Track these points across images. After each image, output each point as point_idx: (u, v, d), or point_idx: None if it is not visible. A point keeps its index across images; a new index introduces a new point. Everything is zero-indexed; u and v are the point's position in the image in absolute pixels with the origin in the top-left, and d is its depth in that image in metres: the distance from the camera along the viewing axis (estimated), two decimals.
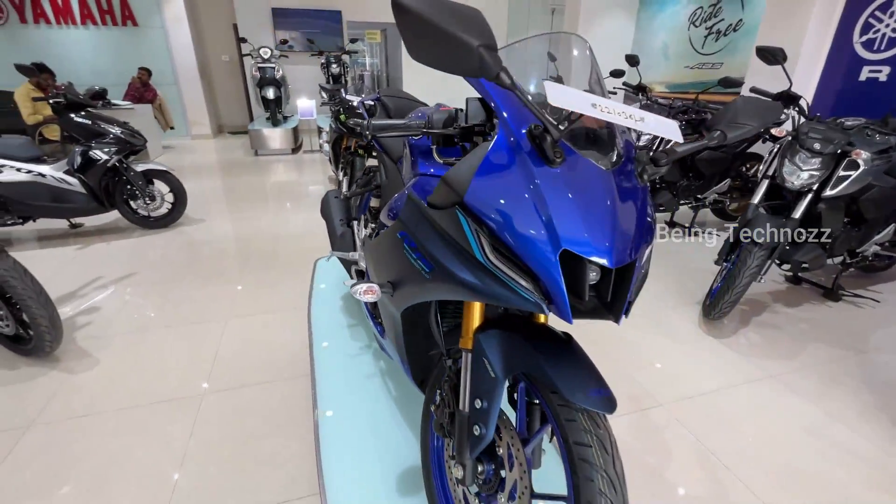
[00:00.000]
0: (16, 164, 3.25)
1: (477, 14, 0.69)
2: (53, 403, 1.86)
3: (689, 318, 2.55)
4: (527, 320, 0.95)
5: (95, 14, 7.27)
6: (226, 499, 1.45)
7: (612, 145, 0.86)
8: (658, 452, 1.66)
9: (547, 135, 0.75)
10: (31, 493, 1.47)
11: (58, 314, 2.04)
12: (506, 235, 0.73)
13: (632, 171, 0.83)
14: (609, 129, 0.87)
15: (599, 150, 0.85)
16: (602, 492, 0.75)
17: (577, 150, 0.78)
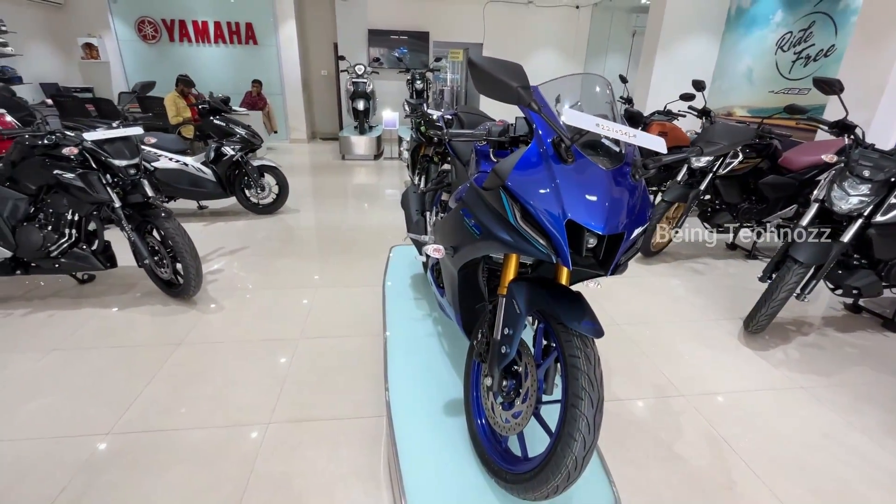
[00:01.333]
0: (168, 154, 4.12)
1: (518, 67, 1.07)
2: (193, 332, 2.47)
3: (729, 330, 2.67)
4: (547, 279, 1.29)
5: (226, 35, 8.62)
6: (314, 408, 1.92)
7: (616, 153, 1.19)
8: (670, 430, 1.88)
9: (562, 143, 1.11)
10: (181, 385, 2.04)
11: (202, 268, 2.69)
12: (532, 208, 1.09)
13: (628, 171, 1.16)
14: (616, 142, 1.20)
15: (607, 155, 1.18)
16: (584, 388, 1.07)
17: (586, 155, 1.13)
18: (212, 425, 1.82)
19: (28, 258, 2.58)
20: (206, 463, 1.64)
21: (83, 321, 2.55)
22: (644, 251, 3.62)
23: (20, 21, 7.15)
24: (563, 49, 9.83)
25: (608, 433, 1.83)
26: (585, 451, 1.06)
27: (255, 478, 1.59)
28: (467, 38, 9.57)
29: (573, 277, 1.41)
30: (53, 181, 2.45)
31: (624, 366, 2.29)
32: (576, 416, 1.06)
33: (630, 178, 1.15)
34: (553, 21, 9.48)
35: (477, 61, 1.03)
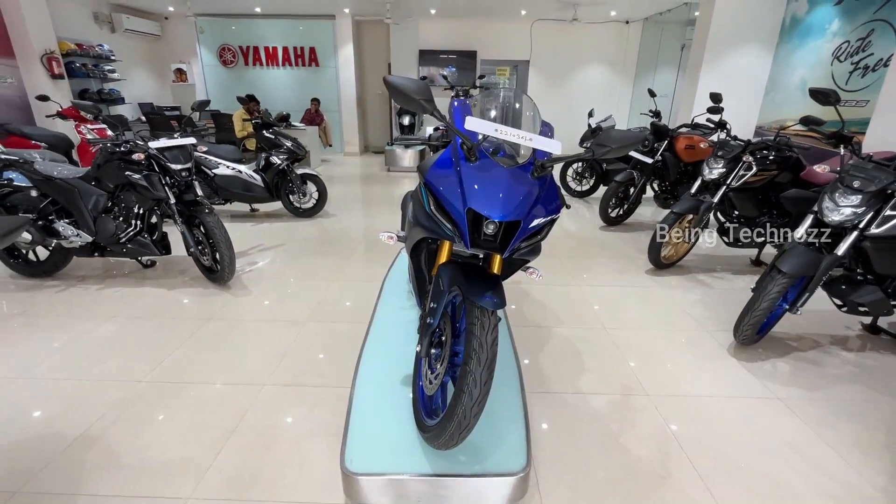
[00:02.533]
0: (226, 163, 4.74)
1: (423, 84, 1.30)
2: (223, 310, 2.90)
3: (721, 342, 2.65)
4: (474, 264, 1.49)
5: (292, 58, 9.56)
6: (304, 376, 2.22)
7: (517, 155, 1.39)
8: (623, 424, 1.96)
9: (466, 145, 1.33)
10: (204, 350, 2.44)
11: (234, 257, 3.14)
12: (442, 198, 1.31)
13: (528, 170, 1.35)
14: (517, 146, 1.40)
15: (511, 157, 1.38)
16: (475, 349, 1.25)
17: (489, 156, 1.34)
18: (219, 382, 2.18)
19: (104, 243, 3.16)
20: (208, 410, 1.99)
21: (141, 297, 3.08)
22: (654, 263, 3.62)
23: (126, 51, 8.46)
24: (612, 64, 9.79)
25: (559, 420, 1.96)
26: (473, 403, 1.25)
27: (244, 425, 1.91)
28: (514, 56, 9.83)
29: (509, 268, 1.61)
30: (125, 181, 3.01)
31: (596, 365, 2.38)
32: (466, 373, 1.25)
33: (529, 175, 1.34)
34: (601, 37, 9.50)
35: (391, 81, 1.28)
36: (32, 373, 2.24)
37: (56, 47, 6.86)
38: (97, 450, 1.77)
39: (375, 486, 1.43)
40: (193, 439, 1.83)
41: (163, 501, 1.55)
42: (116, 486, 1.61)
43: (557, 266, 3.75)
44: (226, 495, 1.57)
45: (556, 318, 2.87)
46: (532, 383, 2.20)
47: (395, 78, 1.26)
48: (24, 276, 3.34)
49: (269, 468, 1.69)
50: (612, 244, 4.37)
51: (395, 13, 8.75)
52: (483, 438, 1.56)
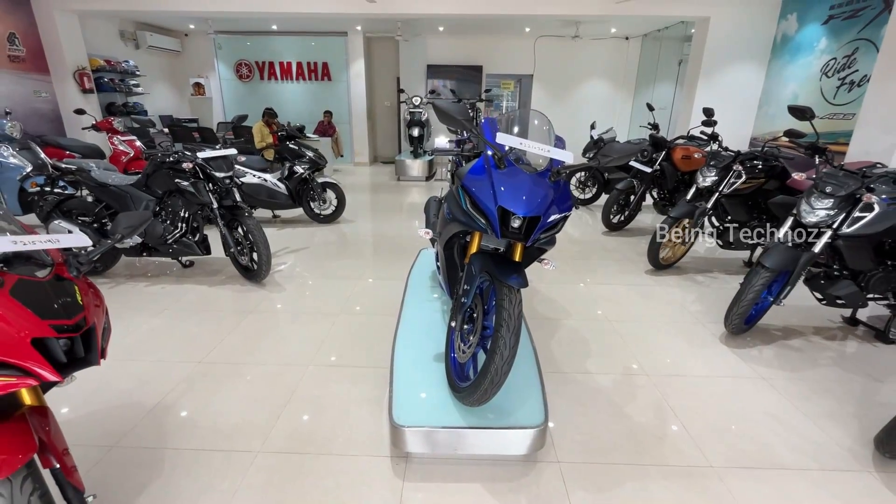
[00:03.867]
0: (253, 172, 5.08)
1: (463, 106, 1.63)
2: (262, 304, 3.20)
3: (714, 332, 2.93)
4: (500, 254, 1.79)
5: (306, 73, 9.99)
6: (342, 358, 2.52)
7: (541, 163, 1.70)
8: (625, 397, 2.25)
9: (496, 155, 1.64)
10: (250, 338, 2.74)
11: (271, 257, 3.45)
12: (476, 198, 1.62)
13: (546, 175, 1.66)
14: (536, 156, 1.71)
15: (533, 164, 1.70)
16: (504, 320, 1.55)
17: (514, 164, 1.65)
18: (268, 363, 2.48)
19: (152, 244, 3.47)
20: (263, 385, 2.29)
21: (185, 293, 3.39)
22: (653, 264, 3.92)
23: (148, 66, 8.89)
24: (613, 79, 10.18)
25: (570, 394, 2.25)
26: (504, 362, 1.55)
27: (295, 397, 2.20)
28: (518, 70, 10.24)
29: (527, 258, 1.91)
30: (174, 187, 3.34)
31: (602, 351, 2.67)
32: (497, 338, 1.55)
33: (548, 180, 1.66)
34: (602, 53, 9.90)
35: (437, 105, 1.60)
36: None
37: (87, 63, 7.28)
38: (174, 415, 2.07)
39: (419, 436, 1.72)
40: (255, 408, 2.12)
41: (238, 454, 1.84)
42: (196, 441, 1.90)
43: (564, 267, 4.05)
44: (290, 448, 1.86)
45: (565, 312, 3.16)
46: (545, 365, 2.48)
47: (441, 102, 1.58)
48: None
49: (323, 429, 1.98)
50: (615, 248, 4.67)
51: (405, 31, 9.18)
52: (506, 399, 1.85)
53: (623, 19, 8.35)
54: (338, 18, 8.59)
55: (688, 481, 1.75)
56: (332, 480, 1.72)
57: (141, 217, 1.42)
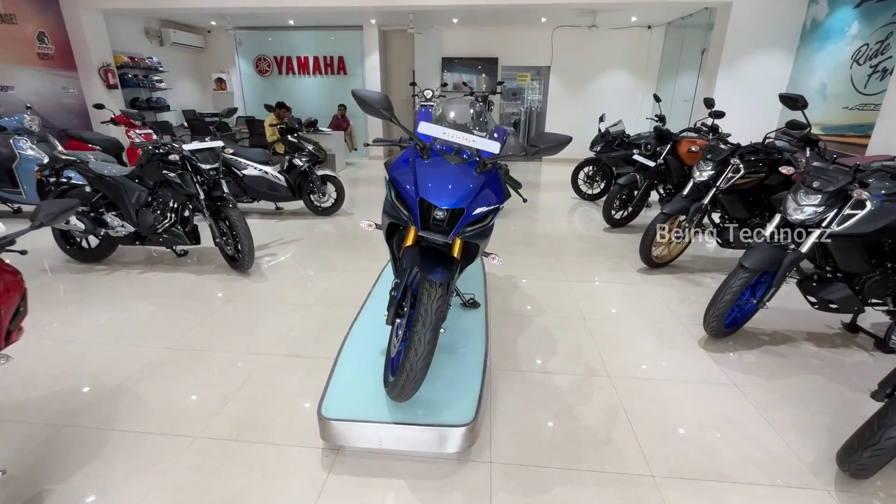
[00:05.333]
0: (255, 164, 5.19)
1: (384, 95, 1.58)
2: (241, 293, 3.28)
3: (694, 334, 2.79)
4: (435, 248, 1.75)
5: (322, 67, 10.11)
6: (305, 349, 2.54)
7: (466, 154, 1.65)
8: (579, 397, 2.17)
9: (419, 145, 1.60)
10: (221, 325, 2.81)
11: (254, 248, 3.52)
12: (400, 189, 1.59)
13: (472, 167, 1.61)
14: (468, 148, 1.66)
15: (459, 156, 1.64)
16: (421, 315, 1.51)
17: (440, 154, 1.60)
18: (232, 351, 2.54)
19: (144, 233, 3.61)
20: (222, 372, 2.34)
21: (174, 281, 3.51)
22: (646, 261, 3.76)
23: (172, 62, 9.22)
24: (634, 69, 9.81)
25: (521, 393, 2.19)
26: (418, 358, 1.51)
27: (249, 384, 2.24)
28: (535, 62, 10.02)
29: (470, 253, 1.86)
30: (163, 178, 3.45)
31: (567, 350, 2.59)
32: (413, 334, 1.52)
33: (474, 172, 1.60)
34: (623, 42, 9.55)
35: (357, 93, 1.57)
36: (83, 338, 2.67)
37: (112, 60, 7.61)
38: (130, 397, 2.15)
39: (343, 428, 1.71)
40: (208, 392, 2.17)
41: (178, 438, 1.89)
42: (144, 424, 1.97)
43: (553, 263, 3.95)
44: (228, 435, 1.90)
45: (539, 309, 3.08)
46: (504, 362, 2.44)
47: (361, 91, 1.55)
48: (78, 260, 3.84)
49: (265, 418, 2.01)
50: (612, 245, 4.51)
51: (419, 23, 9.13)
52: (439, 395, 1.82)
53: (644, 7, 8.02)
54: (352, 12, 8.63)
55: (622, 490, 1.67)
56: (260, 468, 1.74)
57: (63, 205, 1.47)
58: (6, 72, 6.41)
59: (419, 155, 1.60)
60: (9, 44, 6.38)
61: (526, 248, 4.44)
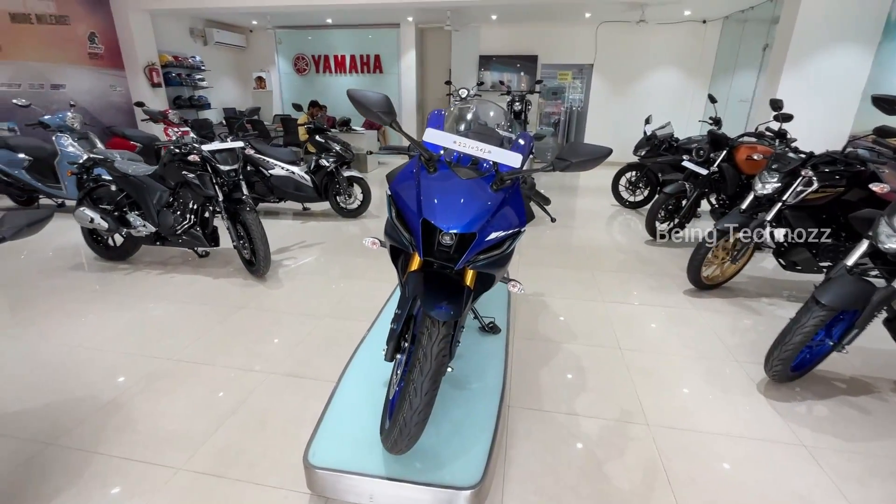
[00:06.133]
0: (282, 164, 5.11)
1: (384, 97, 1.33)
2: (254, 300, 3.15)
3: (752, 375, 2.39)
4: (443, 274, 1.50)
5: (358, 66, 10.06)
6: (307, 368, 2.35)
7: (484, 166, 1.38)
8: (611, 450, 1.85)
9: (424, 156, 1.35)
10: (229, 335, 2.67)
11: (269, 252, 3.39)
12: (402, 208, 1.34)
13: (488, 183, 1.33)
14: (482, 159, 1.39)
15: (474, 168, 1.38)
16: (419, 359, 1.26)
17: (449, 167, 1.34)
18: (232, 366, 2.38)
19: (164, 234, 3.56)
20: (219, 390, 2.19)
21: (191, 284, 3.43)
22: (694, 282, 3.35)
23: (215, 61, 9.42)
24: (685, 68, 9.15)
25: (543, 439, 1.90)
26: (413, 412, 1.27)
27: (244, 407, 2.07)
28: (577, 60, 9.55)
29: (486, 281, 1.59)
30: (183, 179, 3.38)
31: (599, 385, 2.27)
32: (409, 382, 1.27)
33: (489, 188, 1.33)
34: (673, 38, 8.92)
35: (353, 94, 1.34)
36: (90, 343, 2.61)
37: (157, 59, 7.82)
38: (121, 415, 2.02)
39: (332, 480, 1.49)
40: (199, 415, 2.02)
41: (159, 469, 1.73)
42: (127, 449, 1.83)
43: (587, 279, 3.60)
44: (210, 469, 1.72)
45: (569, 334, 2.77)
46: (524, 398, 2.15)
47: (357, 92, 1.32)
48: (104, 258, 3.86)
49: (254, 450, 1.82)
50: (654, 260, 4.10)
51: (456, 20, 8.89)
52: (444, 448, 1.56)
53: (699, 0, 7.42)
54: (389, 10, 8.47)
55: None
56: None
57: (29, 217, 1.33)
58: (59, 71, 6.68)
59: (424, 167, 1.35)
60: (62, 44, 6.64)
61: (558, 259, 4.10)
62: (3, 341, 2.62)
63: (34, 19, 6.23)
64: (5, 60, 5.99)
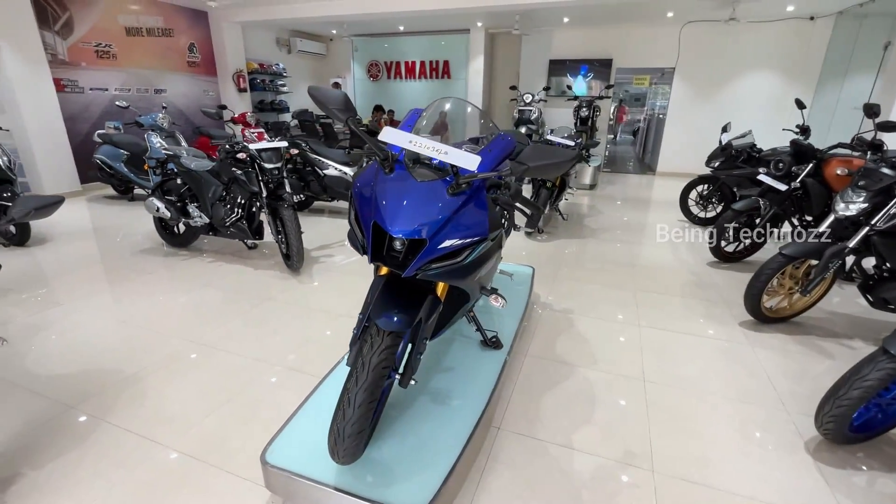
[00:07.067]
0: (335, 165, 5.33)
1: (343, 94, 1.29)
2: (283, 294, 3.28)
3: (800, 427, 2.00)
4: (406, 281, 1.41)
5: (427, 71, 10.25)
6: (311, 365, 2.39)
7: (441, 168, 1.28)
8: (601, 497, 1.63)
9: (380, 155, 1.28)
10: (252, 325, 2.80)
11: (303, 248, 3.53)
12: (358, 209, 1.29)
13: (445, 186, 1.23)
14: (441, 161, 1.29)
15: (433, 170, 1.28)
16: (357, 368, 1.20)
17: (407, 169, 1.26)
18: (245, 355, 2.49)
19: (215, 225, 3.86)
20: (223, 377, 2.29)
21: (234, 273, 3.68)
22: (753, 313, 2.91)
23: (296, 68, 10.12)
24: (785, 70, 8.11)
25: (527, 470, 1.74)
26: (346, 423, 1.20)
27: (241, 396, 2.15)
28: (656, 63, 8.89)
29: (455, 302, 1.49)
30: (233, 175, 3.63)
31: (607, 420, 2.03)
32: (344, 391, 1.21)
33: (446, 192, 1.23)
34: (772, 37, 7.96)
35: (313, 92, 1.31)
36: (133, 320, 2.88)
37: (244, 66, 8.59)
38: (136, 389, 2.19)
39: (284, 481, 1.47)
40: (199, 399, 2.12)
41: (152, 445, 1.84)
42: (130, 422, 1.97)
43: (626, 299, 3.29)
44: (194, 452, 1.80)
45: (588, 357, 2.53)
46: (518, 423, 1.99)
47: (317, 90, 1.29)
48: (169, 244, 4.27)
49: (236, 441, 1.87)
50: (713, 284, 3.64)
51: (526, 24, 8.70)
52: (401, 465, 1.48)
53: None
54: (460, 15, 8.54)
55: None
56: (204, 500, 1.59)
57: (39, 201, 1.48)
58: (162, 77, 7.58)
59: (380, 169, 1.29)
60: (166, 53, 7.54)
61: (597, 274, 3.80)
62: (73, 312, 2.99)
63: (145, 32, 7.14)
64: (119, 68, 6.92)
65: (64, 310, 3.01)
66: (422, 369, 1.99)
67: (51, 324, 2.82)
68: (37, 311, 2.97)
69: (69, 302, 3.13)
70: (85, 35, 6.45)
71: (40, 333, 2.70)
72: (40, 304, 3.10)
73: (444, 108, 1.58)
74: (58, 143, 6.16)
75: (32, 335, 2.68)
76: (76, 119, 6.49)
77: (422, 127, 1.49)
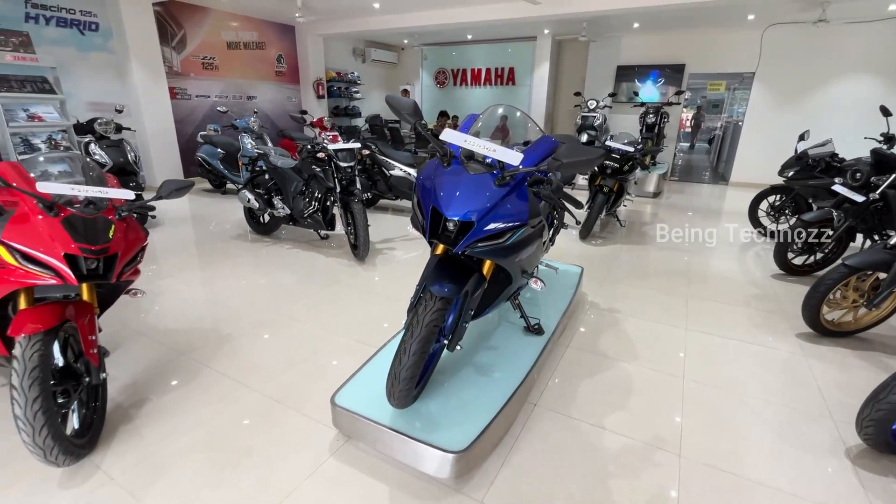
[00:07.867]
0: (401, 166, 5.73)
1: (413, 102, 1.56)
2: (349, 278, 3.68)
3: (843, 434, 1.99)
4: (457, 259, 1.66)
5: (493, 78, 10.52)
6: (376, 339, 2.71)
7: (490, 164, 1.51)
8: (625, 468, 1.77)
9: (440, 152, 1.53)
10: (323, 303, 3.20)
11: (369, 239, 3.91)
12: (421, 196, 1.56)
13: (492, 179, 1.46)
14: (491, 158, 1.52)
15: (484, 165, 1.51)
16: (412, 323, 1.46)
17: (461, 163, 1.51)
18: (316, 328, 2.87)
19: (295, 216, 4.36)
20: (298, 343, 2.69)
21: (308, 259, 4.15)
22: (811, 324, 2.83)
23: (369, 76, 10.82)
24: (882, 74, 7.43)
25: (557, 442, 1.91)
26: (402, 367, 1.47)
27: (313, 359, 2.52)
28: (732, 68, 8.50)
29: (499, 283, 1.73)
30: (312, 172, 4.11)
31: (641, 408, 2.14)
32: (401, 342, 1.48)
33: (493, 183, 1.46)
34: (868, 40, 7.33)
35: (389, 99, 1.59)
36: (225, 293, 3.40)
37: (324, 75, 9.36)
38: (231, 345, 2.64)
39: (349, 420, 1.78)
40: (279, 357, 2.52)
41: (243, 388, 2.24)
42: (227, 368, 2.40)
43: (676, 305, 3.31)
44: (274, 395, 2.17)
45: (630, 354, 2.63)
46: (554, 402, 2.16)
47: (392, 97, 1.58)
48: (255, 232, 4.87)
49: (309, 391, 2.22)
50: (775, 296, 3.54)
51: (593, 30, 8.70)
52: (447, 415, 1.73)
53: None
54: (527, 23, 8.72)
55: None
56: (279, 432, 1.94)
57: (179, 183, 1.90)
58: (254, 85, 8.49)
59: (440, 163, 1.55)
60: (258, 64, 8.44)
61: (649, 279, 3.83)
62: (181, 283, 3.57)
63: (242, 46, 8.06)
64: (220, 78, 7.88)
65: (175, 280, 3.61)
66: (468, 345, 2.23)
67: (165, 291, 3.40)
68: (155, 280, 3.59)
69: (178, 274, 3.74)
70: (195, 49, 7.44)
71: (157, 297, 3.28)
72: (156, 275, 3.73)
73: (497, 113, 1.81)
74: (168, 143, 7.15)
75: (152, 298, 3.26)
76: (183, 122, 7.48)
77: (480, 129, 1.73)
